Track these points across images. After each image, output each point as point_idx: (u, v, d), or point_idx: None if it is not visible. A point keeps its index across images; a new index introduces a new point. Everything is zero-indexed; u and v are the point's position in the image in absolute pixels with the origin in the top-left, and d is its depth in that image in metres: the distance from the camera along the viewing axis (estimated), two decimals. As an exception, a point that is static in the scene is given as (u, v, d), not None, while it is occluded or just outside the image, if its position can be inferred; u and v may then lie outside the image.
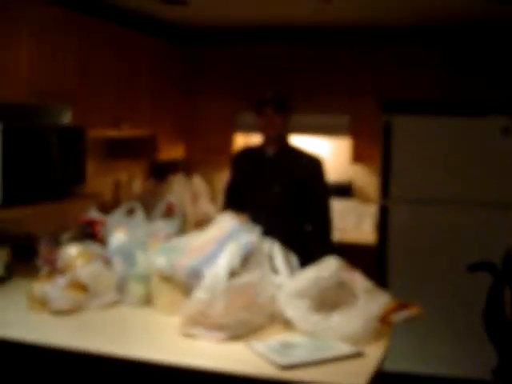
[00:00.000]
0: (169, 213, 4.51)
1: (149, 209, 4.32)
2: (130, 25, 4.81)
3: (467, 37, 5.21)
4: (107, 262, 3.11)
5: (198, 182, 5.62)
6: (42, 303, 2.83)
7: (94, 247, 3.20)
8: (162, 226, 3.21)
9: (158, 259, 2.82)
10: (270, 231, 3.19)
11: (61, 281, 2.89)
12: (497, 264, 1.85)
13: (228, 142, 5.62)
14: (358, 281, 2.71)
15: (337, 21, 5.23)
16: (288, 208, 3.84)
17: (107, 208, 4.67)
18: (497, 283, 1.70)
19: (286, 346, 2.46)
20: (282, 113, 3.84)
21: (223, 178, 5.91)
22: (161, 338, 2.62)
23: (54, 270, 3.07)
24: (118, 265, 3.02)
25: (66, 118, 3.98)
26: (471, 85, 5.08)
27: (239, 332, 2.56)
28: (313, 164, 3.92)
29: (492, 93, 4.97)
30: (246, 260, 2.75)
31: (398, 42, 5.40)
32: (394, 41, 5.41)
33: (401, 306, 2.72)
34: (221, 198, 5.64)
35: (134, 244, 3.06)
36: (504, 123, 4.49)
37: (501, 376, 1.85)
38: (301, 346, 2.46)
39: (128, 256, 3.01)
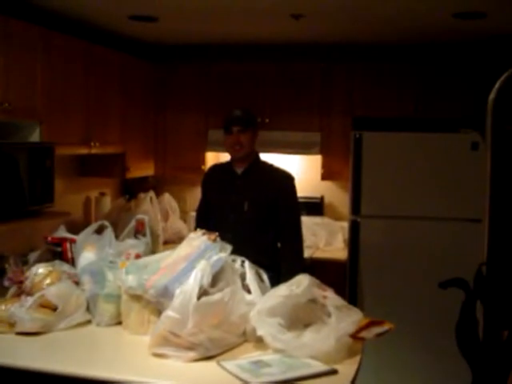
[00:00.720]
0: (139, 230, 4.47)
1: (119, 227, 4.29)
2: (100, 42, 4.78)
3: (437, 54, 5.27)
4: (76, 281, 3.06)
5: (168, 199, 5.59)
6: (10, 324, 2.77)
7: (63, 266, 3.15)
8: (131, 245, 3.18)
9: (127, 278, 2.78)
10: (240, 250, 3.17)
11: (28, 301, 2.83)
12: (468, 280, 1.86)
13: (199, 159, 5.59)
14: (330, 298, 2.70)
15: (308, 38, 5.26)
16: (258, 226, 3.81)
17: (78, 226, 4.62)
18: (469, 300, 1.70)
19: (257, 365, 2.43)
20: (249, 131, 3.82)
21: (194, 195, 5.88)
22: (130, 358, 2.59)
23: (22, 291, 3.01)
24: (87, 284, 2.98)
25: (35, 136, 3.93)
26: (441, 101, 5.12)
27: (210, 351, 2.53)
28: (283, 181, 3.90)
29: (462, 109, 5.02)
30: (217, 278, 2.72)
31: (369, 59, 5.44)
32: (364, 58, 5.45)
33: (373, 323, 2.72)
34: (192, 215, 5.63)
35: (103, 263, 3.01)
36: (473, 139, 4.53)
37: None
38: (273, 365, 2.43)
39: (97, 275, 2.97)
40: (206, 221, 3.86)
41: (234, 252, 2.99)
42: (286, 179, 3.91)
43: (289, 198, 3.89)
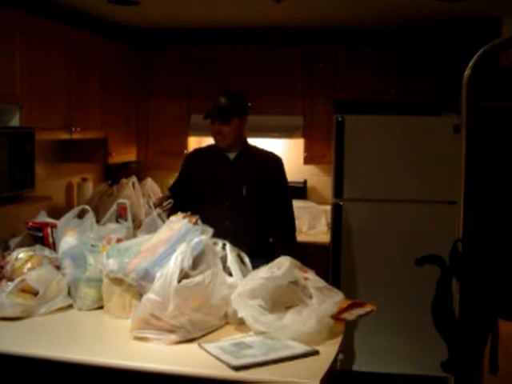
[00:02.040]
0: (121, 215, 4.46)
1: (101, 212, 4.28)
2: (80, 26, 4.74)
3: (419, 37, 5.27)
4: (58, 266, 3.05)
5: (151, 184, 5.57)
6: (-10, 310, 2.76)
7: (44, 251, 3.15)
8: (112, 229, 3.17)
9: (108, 261, 2.78)
10: (238, 236, 3.19)
11: (9, 286, 2.81)
12: (445, 258, 1.88)
13: (182, 144, 5.57)
14: (312, 279, 2.71)
15: (289, 21, 5.25)
16: (256, 210, 3.80)
17: (59, 212, 4.60)
18: (444, 276, 1.72)
19: (239, 347, 2.44)
20: (233, 121, 3.76)
21: (177, 180, 5.88)
22: (112, 342, 2.59)
23: (2, 276, 3.00)
24: (68, 268, 2.97)
25: (15, 121, 3.90)
26: (423, 84, 5.13)
27: (191, 334, 2.53)
28: (276, 163, 3.91)
29: (444, 92, 5.02)
30: (198, 261, 2.72)
31: (350, 42, 5.44)
32: (346, 41, 5.45)
33: (355, 304, 2.74)
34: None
35: (84, 247, 3.00)
36: (455, 122, 4.54)
37: (449, 368, 1.88)
38: (254, 347, 2.44)
39: (78, 259, 2.96)
40: (180, 200, 3.83)
41: (231, 239, 3.00)
42: (277, 161, 3.92)
43: (283, 180, 3.92)
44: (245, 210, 3.76)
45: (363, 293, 4.57)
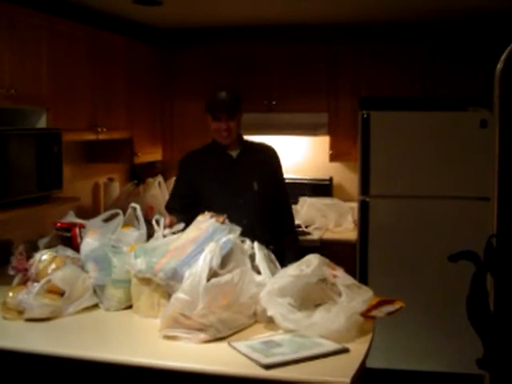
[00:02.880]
0: (148, 215, 4.47)
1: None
2: (105, 26, 4.76)
3: (444, 32, 5.23)
4: (81, 265, 3.05)
5: (176, 184, 5.58)
6: (18, 312, 2.77)
7: (66, 251, 3.14)
8: (130, 234, 3.13)
9: (136, 261, 2.78)
10: (255, 232, 3.18)
11: (35, 287, 2.81)
12: (479, 254, 1.84)
13: (206, 143, 5.55)
14: (341, 277, 2.69)
15: (313, 18, 5.23)
16: (267, 203, 3.79)
17: (87, 212, 4.64)
18: (479, 272, 1.69)
19: (269, 345, 2.43)
20: (237, 116, 3.70)
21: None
22: (141, 341, 2.60)
23: (27, 278, 2.99)
24: (93, 272, 2.96)
25: (42, 123, 3.92)
26: (449, 80, 5.08)
27: (221, 332, 2.53)
28: (275, 154, 3.92)
29: (470, 87, 4.97)
30: (227, 260, 2.72)
31: (374, 38, 5.41)
32: (370, 37, 5.42)
33: (384, 302, 2.72)
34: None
35: (107, 248, 2.99)
36: (482, 116, 4.49)
37: (485, 365, 1.85)
38: (284, 345, 2.43)
39: (102, 262, 2.95)
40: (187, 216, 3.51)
41: (250, 237, 3.00)
42: (275, 152, 3.93)
43: (281, 170, 3.95)
44: (258, 206, 3.74)
45: (390, 290, 4.52)
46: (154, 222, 3.04)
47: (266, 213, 3.78)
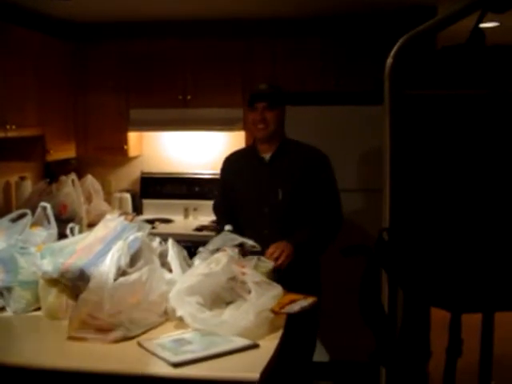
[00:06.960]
0: (61, 214, 4.38)
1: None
2: (14, 21, 4.63)
3: (358, 26, 5.29)
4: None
5: (91, 181, 5.49)
6: None
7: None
8: (38, 234, 3.07)
9: (43, 262, 2.72)
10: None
11: None
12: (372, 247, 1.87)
13: (121, 139, 5.50)
14: (249, 274, 2.70)
15: (228, 14, 5.24)
16: (294, 215, 3.42)
17: (-2, 212, 4.51)
18: (371, 266, 1.72)
19: (179, 343, 2.42)
20: (277, 108, 3.42)
21: (118, 176, 5.83)
22: (51, 344, 2.54)
23: None
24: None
25: None
26: (360, 74, 5.13)
27: (131, 331, 2.50)
28: (319, 162, 3.50)
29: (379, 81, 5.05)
30: (136, 258, 2.70)
31: (289, 33, 5.44)
32: (285, 32, 5.45)
33: (295, 298, 2.74)
34: (117, 196, 5.56)
35: (14, 249, 2.92)
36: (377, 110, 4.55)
37: (376, 359, 1.88)
38: (194, 342, 2.42)
39: (8, 263, 2.87)
40: (231, 218, 3.49)
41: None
42: (320, 159, 3.51)
43: (326, 181, 3.50)
44: (282, 216, 3.39)
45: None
46: (68, 232, 2.97)
47: (292, 225, 3.40)
